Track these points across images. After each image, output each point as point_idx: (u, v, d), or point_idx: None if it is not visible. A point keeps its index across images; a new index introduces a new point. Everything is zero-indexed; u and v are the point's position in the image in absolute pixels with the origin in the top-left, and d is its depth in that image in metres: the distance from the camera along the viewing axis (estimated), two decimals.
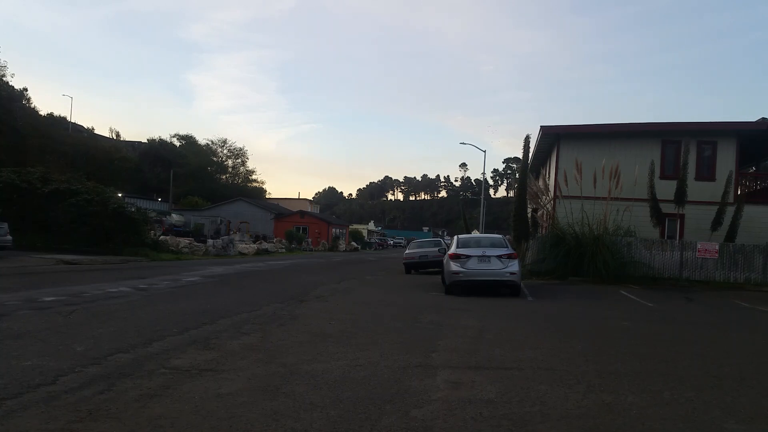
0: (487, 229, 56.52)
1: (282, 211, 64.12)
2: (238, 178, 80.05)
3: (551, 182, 23.07)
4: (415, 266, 23.45)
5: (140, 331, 7.24)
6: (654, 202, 19.95)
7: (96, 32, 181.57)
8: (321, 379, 5.22)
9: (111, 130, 76.53)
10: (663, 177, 20.94)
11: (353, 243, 69.46)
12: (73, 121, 60.07)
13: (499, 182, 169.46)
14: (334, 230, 66.09)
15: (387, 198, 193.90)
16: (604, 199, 19.58)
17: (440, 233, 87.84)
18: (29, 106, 43.01)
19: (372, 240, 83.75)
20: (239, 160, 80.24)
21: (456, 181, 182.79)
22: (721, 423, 4.35)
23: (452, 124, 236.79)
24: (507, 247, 14.54)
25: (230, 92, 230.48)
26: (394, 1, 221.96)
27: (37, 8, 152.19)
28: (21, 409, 4.07)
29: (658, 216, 20.09)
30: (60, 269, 17.22)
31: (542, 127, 23.17)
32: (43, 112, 49.32)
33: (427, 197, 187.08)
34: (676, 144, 21.53)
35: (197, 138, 76.42)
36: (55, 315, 8.29)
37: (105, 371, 5.22)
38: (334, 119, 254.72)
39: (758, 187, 23.56)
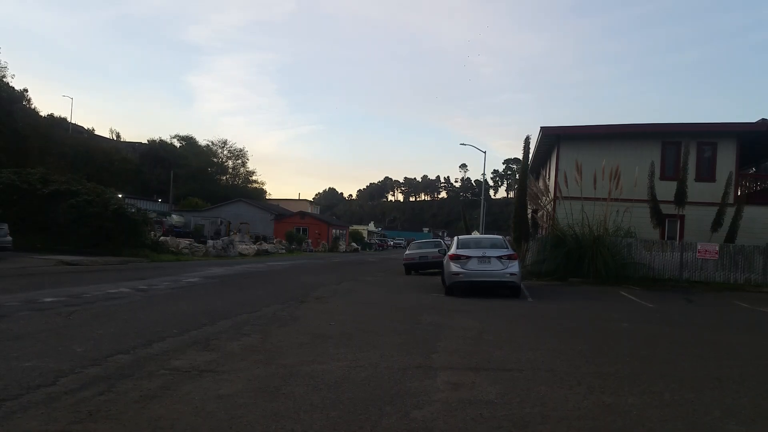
0: (488, 230, 56.47)
1: (282, 212, 64.13)
2: (239, 179, 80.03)
3: (551, 183, 23.07)
4: (415, 267, 23.43)
5: (140, 332, 7.24)
6: (654, 203, 19.94)
7: (96, 34, 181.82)
8: (321, 380, 5.22)
9: (111, 131, 76.96)
10: (663, 178, 20.92)
11: (353, 244, 69.48)
12: (73, 122, 60.24)
13: (499, 183, 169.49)
14: (334, 231, 66.11)
15: (387, 199, 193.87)
16: (604, 200, 19.58)
17: (440, 234, 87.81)
18: (29, 107, 42.98)
19: (372, 241, 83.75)
20: (239, 161, 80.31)
21: (456, 182, 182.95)
22: (722, 424, 4.34)
23: (452, 125, 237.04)
24: (507, 248, 14.53)
25: (230, 94, 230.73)
26: (394, 3, 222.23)
27: (38, 10, 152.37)
28: (21, 410, 4.07)
29: (658, 217, 20.08)
30: (60, 270, 17.22)
31: (542, 128, 23.18)
32: (43, 113, 49.42)
33: (427, 198, 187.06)
34: (676, 145, 21.52)
35: (197, 139, 76.58)
36: (55, 316, 8.29)
37: (105, 372, 5.21)
38: (334, 120, 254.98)
39: (758, 188, 23.54)
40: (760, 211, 21.17)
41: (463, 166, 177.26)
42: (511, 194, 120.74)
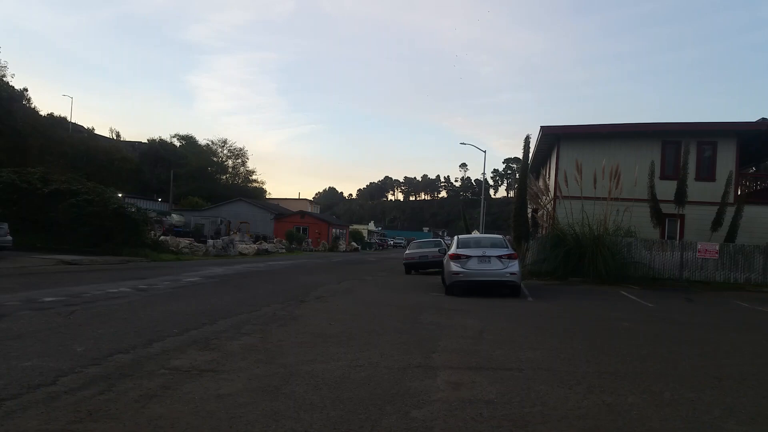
0: (487, 230, 56.49)
1: (282, 212, 64.11)
2: (239, 179, 80.00)
3: (551, 182, 23.07)
4: (415, 266, 23.44)
5: (140, 332, 7.24)
6: (654, 202, 19.94)
7: (97, 33, 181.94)
8: (321, 379, 5.22)
9: (111, 131, 76.69)
10: (663, 177, 20.94)
11: (353, 243, 69.46)
12: (73, 121, 60.19)
13: (499, 182, 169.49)
14: (334, 230, 66.09)
15: (387, 198, 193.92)
16: (604, 199, 19.58)
17: (440, 233, 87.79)
18: (29, 107, 43.03)
19: (372, 240, 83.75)
20: (239, 161, 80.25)
21: (456, 181, 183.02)
22: (722, 423, 4.34)
23: (452, 124, 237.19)
24: (507, 247, 14.54)
25: (231, 93, 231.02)
26: (394, 2, 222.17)
27: (38, 9, 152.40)
28: (21, 410, 4.07)
29: (658, 216, 20.08)
30: (60, 269, 17.21)
31: (542, 128, 23.18)
32: (43, 112, 49.43)
33: (427, 197, 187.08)
34: (676, 144, 21.54)
35: (197, 138, 76.51)
36: (55, 315, 8.29)
37: (105, 372, 5.21)
38: (334, 120, 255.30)
39: (758, 188, 23.56)
40: (760, 211, 21.17)
41: (463, 165, 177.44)
42: (511, 194, 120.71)
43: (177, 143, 73.71)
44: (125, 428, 3.81)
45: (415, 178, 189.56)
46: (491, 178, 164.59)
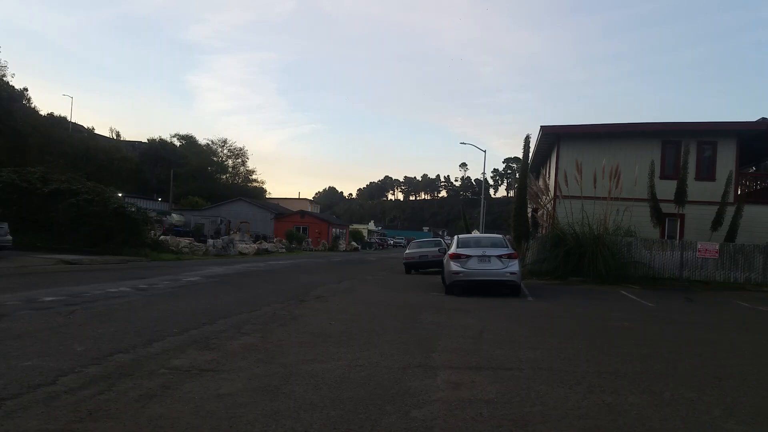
0: (487, 229, 56.43)
1: (282, 211, 64.07)
2: (239, 178, 79.99)
3: (551, 182, 23.06)
4: (415, 266, 23.44)
5: (140, 332, 7.24)
6: (654, 202, 19.94)
7: (97, 33, 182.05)
8: (321, 379, 5.21)
9: (111, 130, 76.65)
10: (663, 177, 20.92)
11: (353, 243, 69.45)
12: (73, 121, 60.16)
13: (499, 182, 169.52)
14: (334, 230, 66.07)
15: (387, 198, 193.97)
16: (604, 199, 19.57)
17: (440, 233, 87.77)
18: (29, 106, 43.05)
19: (372, 240, 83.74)
20: (239, 160, 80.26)
21: (456, 181, 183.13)
22: (722, 423, 4.34)
23: (452, 124, 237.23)
24: (507, 247, 14.53)
25: (231, 93, 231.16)
26: (393, 2, 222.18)
27: (38, 9, 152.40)
28: (21, 410, 4.07)
29: (658, 216, 20.08)
30: (60, 269, 17.21)
31: (542, 127, 23.16)
32: (43, 112, 49.47)
33: (427, 197, 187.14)
34: (677, 144, 21.53)
35: (197, 138, 76.51)
36: (55, 315, 8.29)
37: (105, 371, 5.21)
38: (334, 120, 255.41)
39: (758, 187, 23.54)
40: (760, 210, 21.16)
41: (463, 165, 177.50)
42: (511, 193, 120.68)
43: (177, 143, 73.71)
44: (125, 428, 3.81)
45: (415, 177, 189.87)
46: (491, 177, 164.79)
